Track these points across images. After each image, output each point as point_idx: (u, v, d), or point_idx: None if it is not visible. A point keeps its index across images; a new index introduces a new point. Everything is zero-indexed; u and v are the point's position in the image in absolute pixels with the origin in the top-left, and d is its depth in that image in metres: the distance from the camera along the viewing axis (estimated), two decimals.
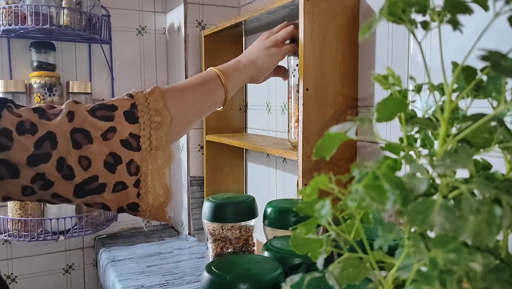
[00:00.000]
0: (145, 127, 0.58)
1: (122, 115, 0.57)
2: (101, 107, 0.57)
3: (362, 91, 0.83)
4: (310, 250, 0.33)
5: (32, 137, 0.52)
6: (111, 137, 0.56)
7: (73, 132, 0.54)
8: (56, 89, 1.34)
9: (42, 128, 0.53)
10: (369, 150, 0.82)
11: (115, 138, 0.56)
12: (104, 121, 0.56)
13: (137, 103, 0.59)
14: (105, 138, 0.55)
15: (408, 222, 0.24)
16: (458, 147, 0.27)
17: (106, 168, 0.55)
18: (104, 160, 0.55)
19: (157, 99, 0.60)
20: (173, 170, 1.56)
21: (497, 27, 0.30)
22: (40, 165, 0.52)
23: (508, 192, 0.25)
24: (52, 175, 0.53)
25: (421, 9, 0.27)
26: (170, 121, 0.60)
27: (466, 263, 0.23)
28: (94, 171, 0.54)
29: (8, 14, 1.21)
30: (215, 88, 0.70)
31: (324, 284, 0.46)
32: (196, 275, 1.10)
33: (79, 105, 0.57)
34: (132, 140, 0.57)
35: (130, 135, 0.57)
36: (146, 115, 0.58)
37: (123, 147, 0.56)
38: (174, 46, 1.48)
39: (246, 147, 1.06)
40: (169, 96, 0.62)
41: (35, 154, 0.52)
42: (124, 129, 0.57)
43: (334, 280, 0.30)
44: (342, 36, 0.80)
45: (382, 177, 0.27)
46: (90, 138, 0.55)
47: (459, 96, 0.29)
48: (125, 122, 0.57)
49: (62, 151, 0.53)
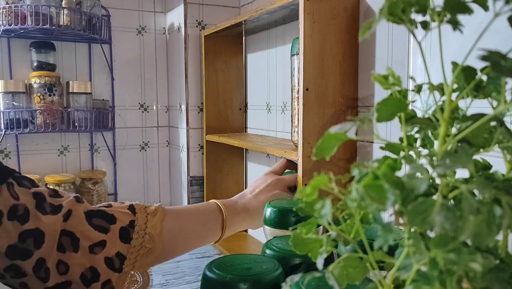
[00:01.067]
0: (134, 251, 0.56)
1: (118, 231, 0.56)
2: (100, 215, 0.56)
3: (362, 91, 0.83)
4: (310, 250, 0.33)
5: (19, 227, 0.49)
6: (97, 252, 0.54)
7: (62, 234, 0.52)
8: (56, 89, 1.34)
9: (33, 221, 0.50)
10: (369, 150, 0.82)
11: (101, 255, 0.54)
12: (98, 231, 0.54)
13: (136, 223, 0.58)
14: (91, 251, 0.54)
15: (408, 222, 0.24)
16: (458, 147, 0.27)
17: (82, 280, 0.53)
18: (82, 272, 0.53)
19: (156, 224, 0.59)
20: (173, 169, 1.56)
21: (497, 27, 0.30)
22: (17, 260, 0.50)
23: (508, 192, 0.25)
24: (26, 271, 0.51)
25: (421, 9, 0.27)
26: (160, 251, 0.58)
27: (466, 263, 0.23)
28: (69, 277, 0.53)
29: (8, 14, 1.21)
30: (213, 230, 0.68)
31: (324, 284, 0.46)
32: (196, 275, 1.10)
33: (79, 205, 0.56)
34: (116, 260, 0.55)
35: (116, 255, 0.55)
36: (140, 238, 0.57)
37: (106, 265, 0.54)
38: (174, 46, 1.48)
39: (246, 147, 1.06)
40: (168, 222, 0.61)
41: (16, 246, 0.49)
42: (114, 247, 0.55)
43: (334, 280, 0.30)
44: (342, 36, 0.80)
45: (382, 177, 0.27)
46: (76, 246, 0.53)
47: (459, 96, 0.29)
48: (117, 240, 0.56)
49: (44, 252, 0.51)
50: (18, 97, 1.31)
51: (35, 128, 1.30)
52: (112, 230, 0.56)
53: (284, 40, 1.12)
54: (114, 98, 1.50)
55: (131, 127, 1.55)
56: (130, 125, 1.55)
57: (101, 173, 1.44)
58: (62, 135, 1.45)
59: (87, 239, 0.54)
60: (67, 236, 0.53)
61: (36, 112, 1.31)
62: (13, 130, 1.28)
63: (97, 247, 0.54)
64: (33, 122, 1.31)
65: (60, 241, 0.52)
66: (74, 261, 0.52)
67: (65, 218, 0.53)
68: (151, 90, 1.57)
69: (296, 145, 0.88)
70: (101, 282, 0.54)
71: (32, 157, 1.41)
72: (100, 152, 1.51)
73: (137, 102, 1.56)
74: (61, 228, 0.52)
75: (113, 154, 1.52)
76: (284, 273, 0.60)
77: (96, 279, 0.54)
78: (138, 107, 1.56)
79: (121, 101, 1.53)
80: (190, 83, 1.36)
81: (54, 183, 1.33)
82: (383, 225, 0.29)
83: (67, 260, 0.52)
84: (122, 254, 0.55)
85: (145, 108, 1.57)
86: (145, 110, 1.57)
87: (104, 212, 0.57)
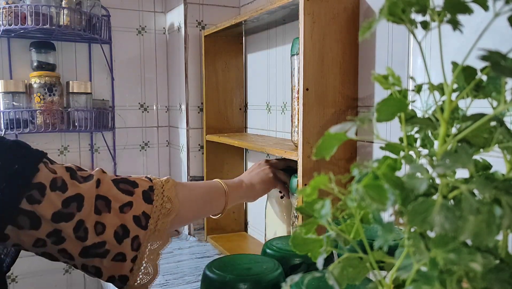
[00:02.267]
0: (156, 210, 0.64)
1: (141, 193, 0.64)
2: (125, 182, 0.64)
3: (362, 91, 0.83)
4: (310, 250, 0.33)
5: (61, 195, 0.56)
6: (126, 211, 0.61)
7: (97, 199, 0.60)
8: (56, 89, 1.34)
9: (72, 189, 0.57)
10: (369, 150, 0.82)
11: (130, 213, 0.62)
12: (125, 194, 0.62)
13: (155, 187, 0.66)
14: (121, 210, 0.61)
15: (408, 222, 0.24)
16: (458, 147, 0.27)
17: (115, 237, 0.60)
18: (115, 230, 0.60)
19: (170, 188, 0.67)
20: (173, 169, 1.56)
21: (497, 27, 0.30)
22: (61, 223, 0.56)
23: (508, 192, 0.25)
24: (67, 233, 0.57)
25: (421, 9, 0.27)
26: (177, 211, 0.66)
27: (466, 263, 0.23)
28: (104, 237, 0.59)
29: (8, 14, 1.21)
30: (218, 197, 0.78)
31: (324, 284, 0.46)
32: (196, 275, 1.10)
33: (105, 174, 0.64)
34: (143, 218, 0.63)
35: (142, 214, 0.63)
36: (160, 200, 0.65)
37: (134, 223, 0.62)
38: (174, 46, 1.48)
39: (246, 147, 1.06)
40: (179, 189, 0.69)
41: (60, 212, 0.56)
42: (139, 207, 0.63)
43: (334, 280, 0.30)
44: (342, 36, 0.80)
45: (382, 177, 0.27)
46: (109, 207, 0.60)
47: (459, 96, 0.29)
48: (142, 201, 0.63)
49: (84, 214, 0.58)
50: (18, 97, 1.31)
51: (35, 128, 1.30)
52: (136, 192, 0.63)
53: (284, 40, 1.12)
54: (114, 98, 1.50)
55: (131, 127, 1.55)
56: (130, 125, 1.55)
57: None
58: (62, 135, 1.45)
59: (117, 201, 0.61)
60: (101, 200, 0.60)
61: (36, 112, 1.31)
62: (13, 130, 1.28)
63: (125, 207, 0.61)
64: (33, 122, 1.31)
65: (96, 204, 0.59)
66: (108, 220, 0.60)
67: (97, 185, 0.60)
68: (151, 90, 1.57)
69: (296, 145, 0.88)
70: (130, 238, 0.61)
71: None
72: (100, 152, 1.51)
73: (137, 102, 1.56)
74: (96, 194, 0.60)
75: (113, 154, 1.52)
76: (284, 273, 0.60)
77: (127, 235, 0.61)
78: (138, 107, 1.56)
79: (121, 101, 1.53)
80: (190, 83, 1.36)
81: None
82: (383, 225, 0.29)
83: (103, 220, 0.59)
84: (147, 213, 0.63)
85: (145, 108, 1.57)
86: (145, 110, 1.57)
87: (127, 179, 0.65)
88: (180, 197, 0.68)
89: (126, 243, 0.61)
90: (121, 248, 0.60)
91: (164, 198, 0.65)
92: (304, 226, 0.33)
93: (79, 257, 0.59)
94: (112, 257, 0.60)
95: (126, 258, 0.61)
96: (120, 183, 0.63)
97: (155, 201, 0.64)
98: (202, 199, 0.75)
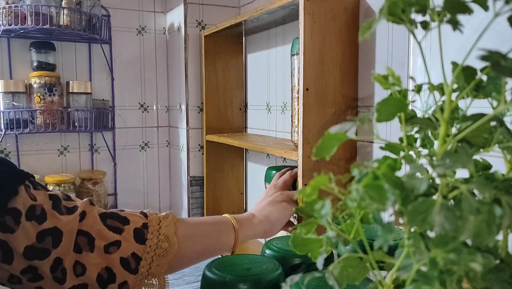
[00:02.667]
0: (149, 251, 0.57)
1: (132, 232, 0.56)
2: (114, 217, 0.57)
3: (362, 91, 0.83)
4: (310, 250, 0.33)
5: (37, 226, 0.50)
6: (113, 251, 0.54)
7: (78, 234, 0.53)
8: (56, 89, 1.34)
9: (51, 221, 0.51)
10: (369, 150, 0.82)
11: (116, 254, 0.54)
12: (112, 232, 0.55)
13: (150, 224, 0.58)
14: (106, 251, 0.54)
15: (408, 222, 0.24)
16: (458, 147, 0.27)
17: (98, 281, 0.53)
18: (98, 272, 0.53)
19: (169, 224, 0.59)
20: (173, 169, 1.56)
21: (497, 27, 0.30)
22: (35, 260, 0.50)
23: (508, 192, 0.25)
24: (44, 272, 0.51)
25: (421, 9, 0.27)
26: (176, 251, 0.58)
27: (466, 263, 0.23)
28: (85, 279, 0.53)
29: (8, 14, 1.21)
30: (226, 232, 0.67)
31: (324, 284, 0.46)
32: (196, 275, 1.10)
33: (93, 207, 0.57)
34: (132, 261, 0.55)
35: (132, 255, 0.55)
36: (155, 239, 0.57)
37: (121, 266, 0.54)
38: (174, 46, 1.48)
39: (246, 147, 1.06)
40: (181, 225, 0.61)
41: (34, 247, 0.50)
42: (129, 247, 0.55)
43: (334, 280, 0.30)
44: (342, 36, 0.80)
45: (382, 177, 0.27)
46: (92, 246, 0.53)
47: (459, 96, 0.29)
48: (132, 240, 0.56)
49: (61, 251, 0.51)
50: (18, 97, 1.31)
51: (35, 128, 1.30)
52: (126, 230, 0.56)
53: (284, 40, 1.12)
54: (114, 98, 1.50)
55: (131, 127, 1.55)
56: (130, 126, 1.55)
57: (101, 173, 1.44)
58: (62, 136, 1.45)
59: (102, 239, 0.54)
60: (83, 236, 0.53)
61: (36, 112, 1.31)
62: (13, 131, 1.28)
63: (112, 246, 0.54)
64: (33, 122, 1.31)
65: (77, 241, 0.53)
66: (90, 260, 0.53)
67: (80, 218, 0.54)
68: (151, 90, 1.57)
69: (296, 145, 0.88)
70: (117, 284, 0.54)
71: (32, 157, 1.41)
72: (100, 152, 1.51)
73: (137, 102, 1.56)
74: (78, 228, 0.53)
75: (113, 154, 1.52)
76: (284, 273, 0.60)
77: (113, 281, 0.53)
78: (138, 107, 1.56)
79: (121, 101, 1.53)
80: (190, 83, 1.36)
81: (54, 183, 1.33)
82: (383, 225, 0.29)
83: (84, 260, 0.53)
84: (138, 255, 0.56)
85: (145, 108, 1.57)
86: (145, 110, 1.57)
87: (117, 213, 0.58)
88: (180, 235, 0.60)
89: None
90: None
91: (160, 236, 0.57)
92: (304, 226, 0.33)
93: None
94: None
95: None
96: (108, 218, 0.56)
97: (149, 240, 0.57)
98: (207, 236, 0.64)
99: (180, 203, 1.47)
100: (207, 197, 1.32)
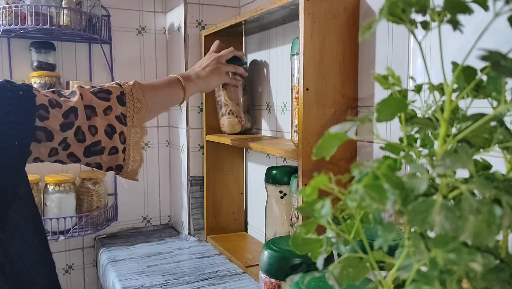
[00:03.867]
0: (129, 110, 0.80)
1: (115, 98, 0.79)
2: (101, 91, 0.78)
3: (362, 91, 0.83)
4: (310, 250, 0.33)
5: (60, 110, 0.71)
6: (109, 113, 0.77)
7: (85, 108, 0.74)
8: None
9: (66, 104, 0.72)
10: (369, 150, 0.82)
11: (112, 114, 0.77)
12: (104, 101, 0.77)
13: (125, 92, 0.81)
14: (105, 113, 0.77)
15: (408, 222, 0.24)
16: (458, 147, 0.27)
17: (106, 135, 0.76)
18: (104, 129, 0.76)
19: (138, 90, 0.83)
20: (173, 169, 1.56)
21: (497, 27, 0.30)
22: (67, 131, 0.71)
23: (508, 192, 0.25)
24: (71, 139, 0.72)
25: (421, 9, 0.27)
26: (147, 108, 0.83)
27: (466, 263, 0.23)
28: (98, 136, 0.75)
29: (8, 14, 1.21)
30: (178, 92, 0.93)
31: (324, 284, 0.46)
32: (196, 275, 1.10)
33: (84, 88, 0.77)
34: (122, 117, 0.79)
35: (121, 114, 0.79)
36: (131, 101, 0.81)
37: (117, 121, 0.78)
38: (174, 46, 1.48)
39: (246, 147, 1.06)
40: (145, 90, 0.84)
41: (64, 122, 0.71)
42: (117, 109, 0.78)
43: (334, 280, 0.30)
44: (342, 36, 0.80)
45: (382, 177, 0.27)
46: (95, 112, 0.75)
47: (459, 96, 0.29)
48: (117, 104, 0.79)
49: (80, 121, 0.73)
50: None
51: None
52: (112, 98, 0.78)
53: (284, 40, 1.12)
54: None
55: None
56: None
57: (101, 173, 1.43)
58: None
59: (100, 107, 0.76)
60: (88, 108, 0.74)
61: None
62: None
63: (107, 110, 0.77)
64: None
65: (86, 113, 0.74)
66: (98, 122, 0.75)
67: (81, 98, 0.74)
68: None
69: (296, 145, 0.88)
70: (118, 133, 0.77)
71: None
72: None
73: None
74: (83, 104, 0.74)
75: None
76: (284, 273, 0.60)
77: (114, 132, 0.77)
78: None
79: None
80: None
81: (54, 183, 1.33)
82: (383, 225, 0.29)
83: (94, 123, 0.74)
84: (123, 113, 0.79)
85: None
86: None
87: (102, 88, 0.79)
88: (147, 96, 0.83)
89: (115, 138, 0.77)
90: (112, 142, 0.76)
91: (134, 99, 0.81)
92: (304, 226, 0.33)
93: (84, 158, 0.75)
94: (108, 152, 0.76)
95: (118, 150, 0.77)
96: (98, 93, 0.77)
97: (128, 102, 0.80)
98: (165, 95, 0.90)
99: (180, 203, 1.47)
100: (207, 197, 1.32)
